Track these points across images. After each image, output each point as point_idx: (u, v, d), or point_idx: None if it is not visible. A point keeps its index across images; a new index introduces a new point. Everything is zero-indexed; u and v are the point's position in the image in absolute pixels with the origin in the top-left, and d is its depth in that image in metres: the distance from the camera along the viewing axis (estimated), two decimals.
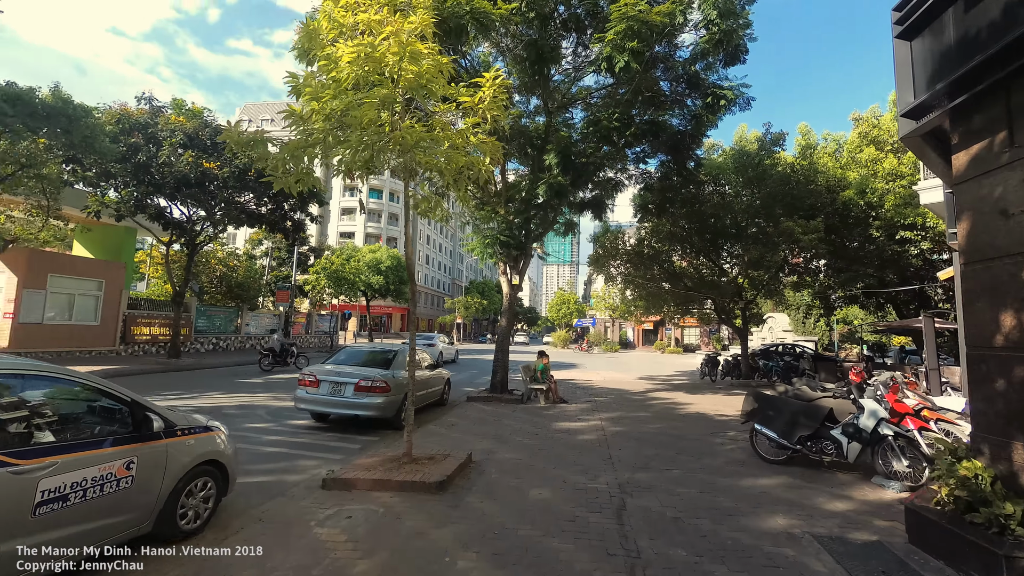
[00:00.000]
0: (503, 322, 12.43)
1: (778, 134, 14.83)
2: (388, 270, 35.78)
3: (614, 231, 19.03)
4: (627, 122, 10.68)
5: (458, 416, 9.65)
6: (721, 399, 13.17)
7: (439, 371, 11.21)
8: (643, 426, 8.99)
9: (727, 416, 10.32)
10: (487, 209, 12.63)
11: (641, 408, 11.27)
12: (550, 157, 11.06)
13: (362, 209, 19.36)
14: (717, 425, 9.31)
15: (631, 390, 14.91)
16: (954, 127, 3.87)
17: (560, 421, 9.28)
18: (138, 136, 15.79)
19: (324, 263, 29.27)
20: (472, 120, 5.20)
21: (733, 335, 48.33)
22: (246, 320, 28.64)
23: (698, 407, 11.57)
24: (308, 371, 8.48)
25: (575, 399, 12.37)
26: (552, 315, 69.01)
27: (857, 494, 5.21)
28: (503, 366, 12.19)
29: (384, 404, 8.13)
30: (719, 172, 15.89)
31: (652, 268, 18.59)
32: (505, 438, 7.65)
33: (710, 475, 5.82)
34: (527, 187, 12.46)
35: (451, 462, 5.64)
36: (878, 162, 15.28)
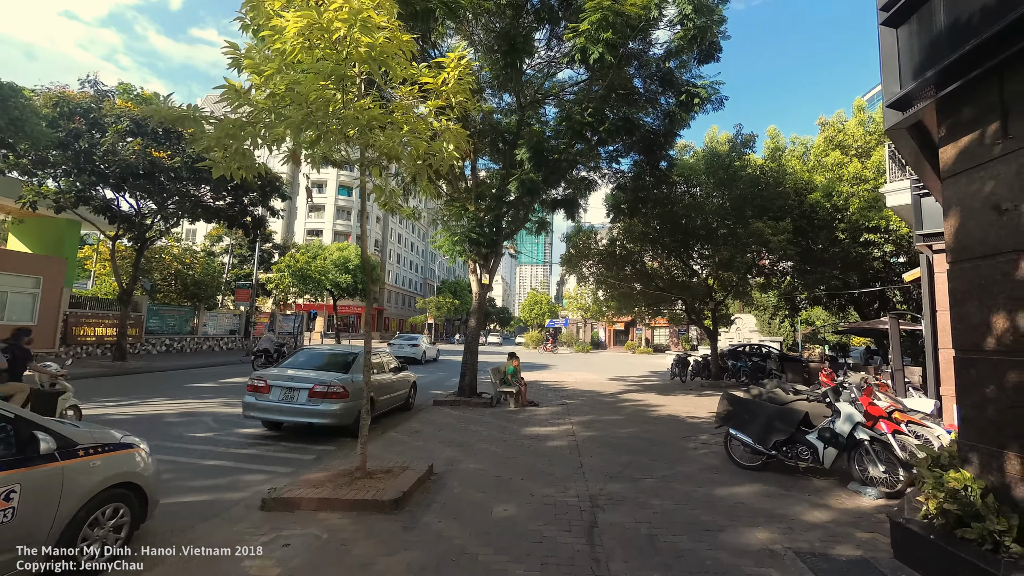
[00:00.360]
0: (472, 322, 11.99)
1: (748, 136, 14.92)
2: (357, 269, 34.70)
3: (587, 231, 18.84)
4: (600, 118, 10.42)
5: (423, 422, 9.15)
6: (692, 400, 13.08)
7: (404, 374, 10.69)
8: (615, 430, 8.71)
9: (699, 419, 10.17)
10: (457, 206, 12.18)
11: (613, 411, 11.02)
12: (522, 152, 10.69)
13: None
14: (689, 428, 9.12)
15: (603, 392, 14.70)
16: (942, 118, 3.69)
17: (529, 426, 8.91)
18: (79, 121, 14.61)
19: (288, 261, 28.09)
20: (435, 103, 4.76)
21: (702, 335, 49.21)
22: (203, 320, 27.23)
23: (670, 409, 11.41)
24: (258, 375, 7.83)
25: (546, 402, 12.04)
26: (524, 316, 68.82)
27: (835, 502, 5.01)
28: (472, 368, 11.75)
29: (342, 411, 7.57)
30: (691, 173, 15.88)
31: (624, 268, 18.50)
32: (471, 446, 7.22)
33: (685, 484, 5.54)
34: (498, 183, 12.07)
35: (409, 475, 5.18)
36: (843, 166, 15.55)
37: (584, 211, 15.74)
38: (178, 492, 5.07)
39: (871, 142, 16.15)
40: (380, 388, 9.03)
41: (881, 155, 15.09)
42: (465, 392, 11.56)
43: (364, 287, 35.87)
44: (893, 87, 3.90)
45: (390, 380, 9.63)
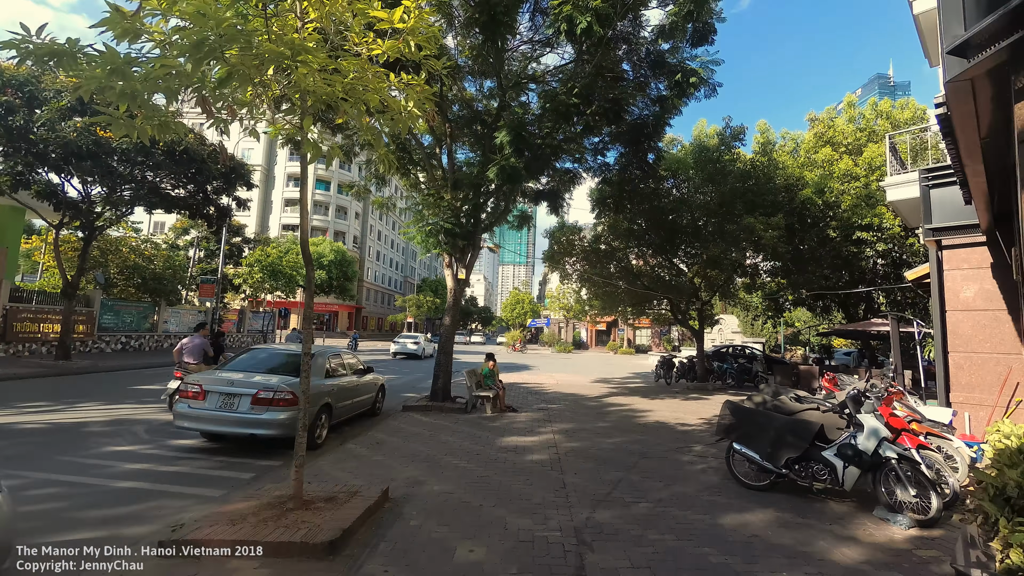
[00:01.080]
0: (447, 320, 11.06)
1: (738, 128, 14.32)
2: (331, 264, 33.34)
3: (570, 228, 18.07)
4: (587, 100, 9.61)
5: (388, 430, 8.20)
6: (680, 405, 12.38)
7: (370, 376, 9.71)
8: (601, 440, 7.89)
9: (690, 426, 9.44)
10: (431, 192, 11.23)
11: (598, 417, 10.23)
12: (502, 136, 9.79)
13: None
14: (681, 437, 8.37)
15: (586, 395, 13.92)
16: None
17: (507, 435, 8.03)
18: (12, 94, 13.19)
19: (259, 255, 26.64)
20: (390, 44, 3.84)
21: (683, 336, 49.04)
22: (165, 317, 25.66)
23: (658, 415, 10.67)
24: (192, 379, 6.78)
25: (526, 406, 11.19)
26: (506, 315, 67.96)
27: (862, 533, 4.26)
28: (446, 370, 10.82)
29: (290, 420, 6.56)
30: (678, 167, 15.22)
31: (608, 266, 17.79)
32: (438, 461, 6.31)
33: (685, 509, 4.74)
34: (476, 170, 11.17)
35: (357, 504, 4.25)
36: (834, 163, 15.09)
37: (568, 206, 15.00)
38: (63, 527, 4.05)
39: (861, 139, 15.73)
40: (340, 393, 8.05)
41: (873, 152, 14.67)
42: (438, 396, 10.63)
43: (339, 284, 34.51)
44: (956, 29, 3.16)
45: (353, 384, 8.65)
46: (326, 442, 7.43)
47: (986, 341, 7.32)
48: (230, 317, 31.92)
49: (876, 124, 15.80)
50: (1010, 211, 6.17)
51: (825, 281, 14.19)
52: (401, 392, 13.45)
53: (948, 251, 7.76)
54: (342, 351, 9.12)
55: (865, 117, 15.92)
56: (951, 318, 7.65)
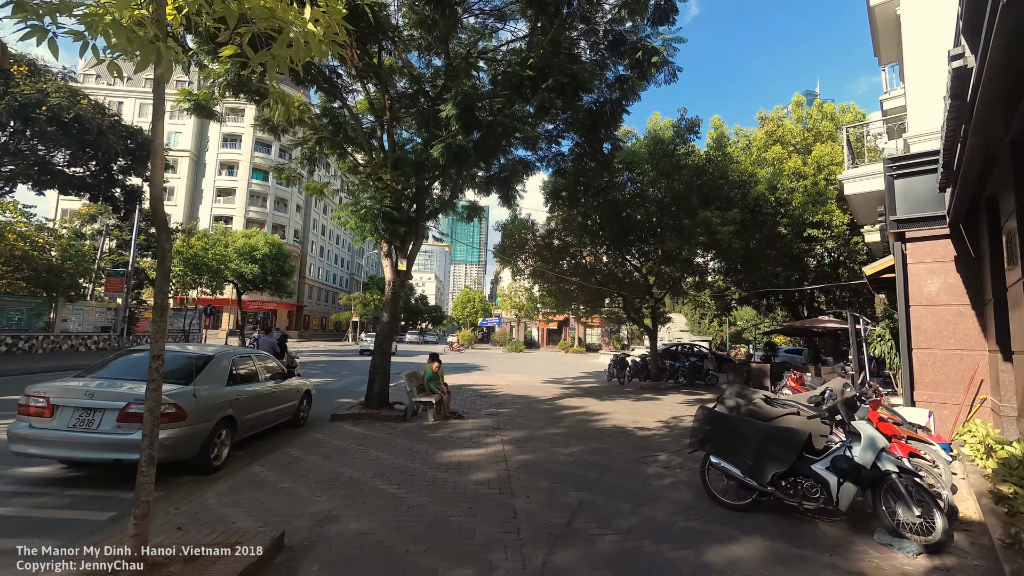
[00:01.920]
0: (385, 317, 9.83)
1: (693, 120, 13.99)
2: (266, 258, 30.71)
3: (523, 221, 17.23)
4: (543, 72, 8.72)
5: (309, 446, 6.94)
6: (636, 406, 11.79)
7: (292, 382, 8.36)
8: (556, 451, 7.01)
9: (649, 430, 8.77)
10: (369, 172, 9.96)
11: (552, 422, 9.37)
12: (448, 109, 8.72)
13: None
14: (642, 444, 7.65)
15: (538, 397, 13.08)
16: None
17: (450, 448, 6.98)
18: None
19: (179, 246, 23.90)
20: None
21: (633, 335, 49.76)
22: (64, 314, 22.55)
23: (615, 418, 9.96)
24: (37, 390, 5.25)
25: (474, 411, 10.17)
26: (457, 313, 66.54)
27: (868, 565, 3.58)
28: (382, 373, 9.60)
29: (172, 440, 5.22)
30: (633, 159, 14.72)
31: (561, 263, 17.11)
32: (363, 486, 5.18)
33: (660, 541, 3.90)
34: (420, 148, 10.03)
35: (229, 566, 3.08)
36: (783, 161, 15.12)
37: (521, 198, 14.13)
38: None
39: (808, 139, 15.89)
40: (248, 403, 6.71)
41: (821, 151, 14.80)
42: (373, 402, 9.40)
43: (275, 279, 31.96)
44: None
45: (267, 391, 7.30)
46: (228, 463, 6.09)
47: (950, 337, 7.07)
48: (147, 316, 28.76)
49: (821, 125, 16.08)
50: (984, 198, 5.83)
51: (775, 279, 14.17)
52: (337, 397, 12.07)
53: (912, 244, 7.49)
54: (255, 353, 7.72)
55: (812, 117, 16.14)
56: (915, 313, 7.38)
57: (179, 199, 55.09)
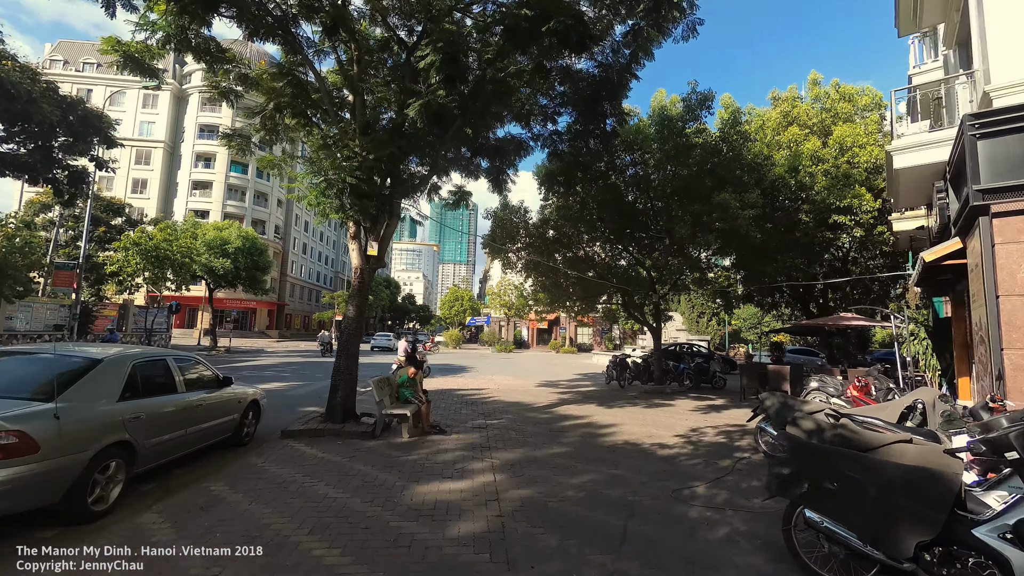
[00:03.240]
0: (350, 311, 8.16)
1: (705, 94, 12.50)
2: (238, 252, 28.62)
3: (515, 208, 15.66)
4: (545, 12, 7.14)
5: (237, 477, 5.29)
6: (645, 415, 10.28)
7: (231, 391, 6.68)
8: (563, 481, 5.44)
9: (670, 447, 7.26)
10: (336, 137, 8.28)
11: (552, 437, 7.80)
12: (428, 56, 7.09)
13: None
14: (668, 468, 6.12)
15: (533, 403, 11.52)
16: None
17: (425, 479, 5.37)
18: None
19: (137, 237, 21.82)
20: None
21: (625, 334, 48.44)
22: (8, 312, 20.48)
23: (625, 431, 8.43)
24: None
25: (458, 423, 8.57)
26: (444, 313, 64.71)
27: None
28: (348, 379, 7.94)
29: (21, 483, 3.56)
30: (636, 136, 13.23)
31: (556, 255, 15.58)
32: (290, 549, 3.55)
33: None
34: (395, 109, 8.40)
35: None
36: (800, 143, 13.75)
37: (513, 183, 12.59)
38: None
39: (826, 120, 14.55)
40: (155, 422, 5.06)
41: (844, 132, 13.45)
42: (336, 415, 7.74)
43: (248, 274, 29.91)
44: None
45: (186, 405, 5.61)
46: (122, 503, 4.43)
47: None
48: (106, 313, 26.63)
49: (839, 105, 14.79)
50: None
51: (795, 272, 12.77)
52: (302, 405, 10.36)
53: (1000, 220, 6.06)
54: (173, 355, 6.02)
55: (830, 97, 14.83)
56: (1005, 306, 5.95)
57: (152, 192, 52.57)
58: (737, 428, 8.86)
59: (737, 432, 8.53)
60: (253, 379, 14.92)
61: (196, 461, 5.92)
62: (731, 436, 8.19)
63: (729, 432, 8.51)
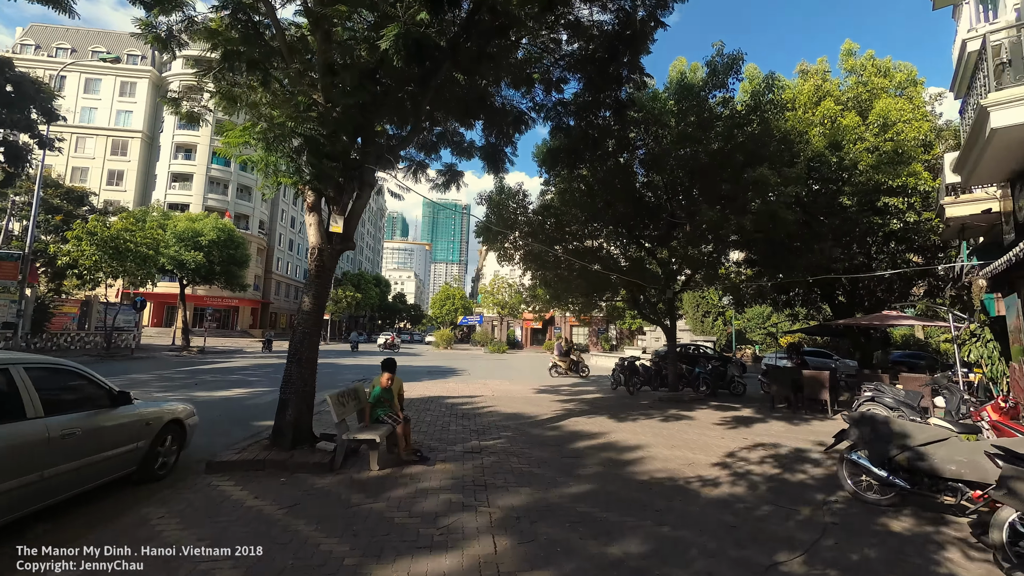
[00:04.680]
0: (306, 303, 6.32)
1: (733, 56, 10.78)
2: (212, 245, 26.54)
3: (512, 190, 13.92)
4: None
5: (120, 537, 3.47)
6: (671, 432, 8.59)
7: (134, 411, 4.89)
8: (597, 552, 3.70)
9: (717, 483, 5.55)
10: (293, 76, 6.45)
11: (565, 469, 6.06)
12: None
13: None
14: (730, 520, 4.41)
15: (535, 415, 9.79)
16: None
17: (389, 553, 3.61)
18: None
19: (93, 226, 19.70)
20: None
21: (623, 335, 46.80)
22: None
23: (656, 457, 6.72)
24: None
25: (445, 445, 6.80)
26: (435, 312, 62.76)
27: None
28: (301, 392, 6.12)
29: None
30: (652, 105, 11.57)
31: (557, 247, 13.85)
32: None
33: None
34: (365, 48, 6.59)
35: None
36: (837, 119, 12.15)
37: (511, 163, 10.89)
38: None
39: (862, 94, 12.96)
40: (50, 451, 3.28)
41: (889, 106, 11.85)
42: (285, 438, 5.92)
43: (224, 269, 27.82)
44: None
45: (42, 435, 3.80)
46: None
47: None
48: (65, 310, 24.49)
49: (875, 80, 13.24)
50: None
51: (836, 263, 11.12)
52: (259, 418, 8.56)
53: None
54: (33, 365, 4.18)
55: (866, 70, 13.26)
56: None
57: (129, 185, 50.22)
58: (792, 453, 7.19)
59: (792, 457, 6.86)
60: (212, 384, 13.04)
61: (78, 507, 4.14)
62: (786, 464, 6.51)
63: (782, 458, 6.83)
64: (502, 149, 10.53)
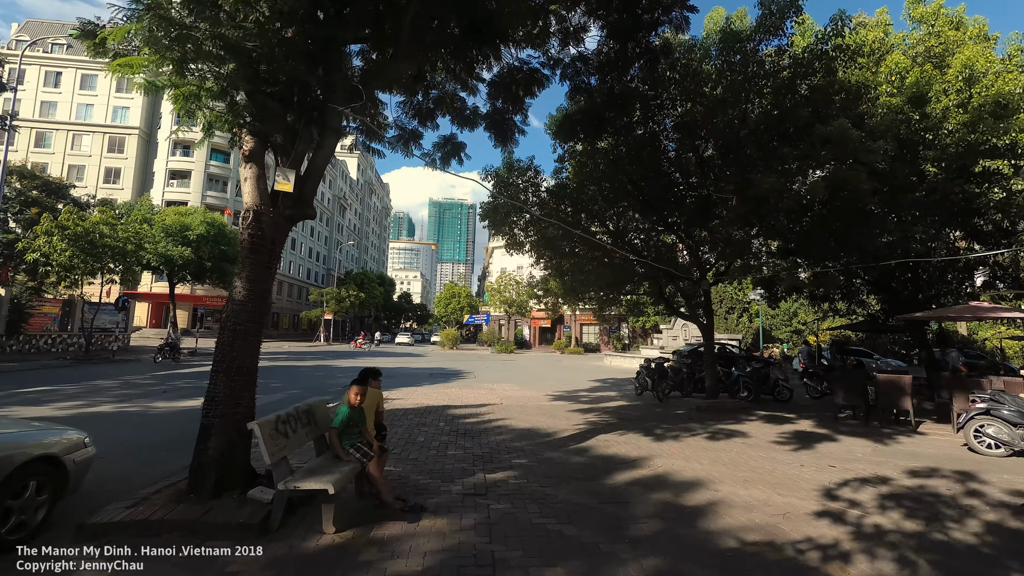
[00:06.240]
0: (238, 290, 4.49)
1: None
2: (202, 240, 24.94)
3: (524, 166, 12.05)
4: None
5: None
6: (727, 455, 6.69)
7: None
8: None
9: (837, 550, 3.66)
10: None
11: (606, 522, 4.20)
12: None
13: None
14: None
15: (553, 432, 7.92)
16: None
17: None
18: None
19: (66, 219, 18.04)
20: None
21: (635, 334, 44.73)
22: None
23: (727, 498, 4.84)
24: None
25: (441, 484, 4.95)
26: (440, 311, 60.95)
27: None
28: (232, 416, 4.29)
29: None
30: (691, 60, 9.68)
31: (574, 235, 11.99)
32: None
33: None
34: None
35: None
36: (907, 73, 10.19)
37: (522, 133, 9.10)
38: None
39: (935, 47, 10.98)
40: None
41: (975, 54, 9.85)
42: (205, 482, 4.10)
43: (215, 266, 26.21)
44: None
45: None
46: None
47: None
48: (45, 310, 22.96)
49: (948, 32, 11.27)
50: None
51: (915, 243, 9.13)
52: None
53: None
54: None
55: (938, 19, 11.28)
56: None
57: (126, 183, 49.04)
58: (916, 492, 5.27)
59: (919, 498, 4.95)
60: (183, 392, 11.32)
61: None
62: (926, 512, 4.60)
63: (904, 499, 4.92)
64: (511, 117, 8.80)
